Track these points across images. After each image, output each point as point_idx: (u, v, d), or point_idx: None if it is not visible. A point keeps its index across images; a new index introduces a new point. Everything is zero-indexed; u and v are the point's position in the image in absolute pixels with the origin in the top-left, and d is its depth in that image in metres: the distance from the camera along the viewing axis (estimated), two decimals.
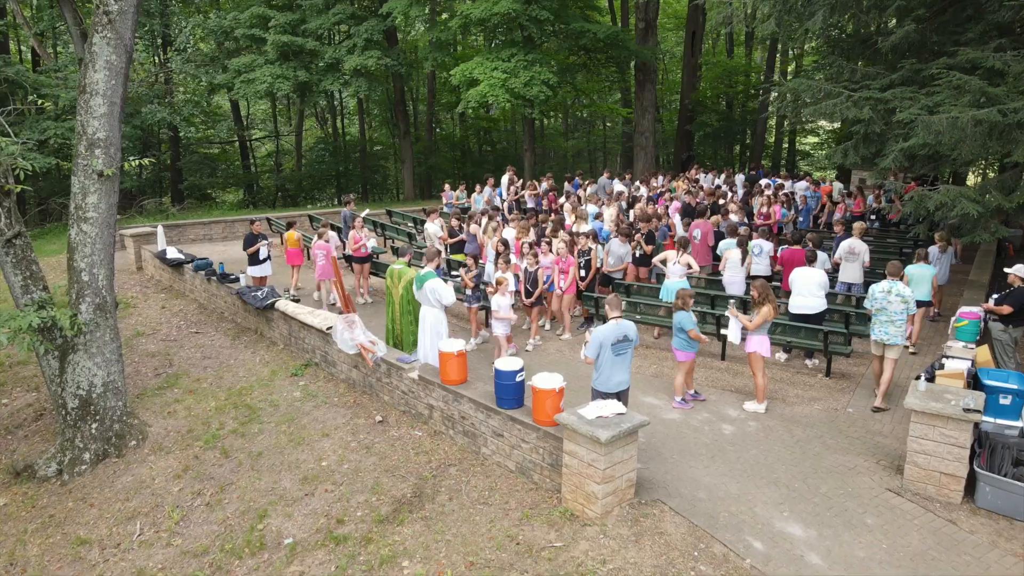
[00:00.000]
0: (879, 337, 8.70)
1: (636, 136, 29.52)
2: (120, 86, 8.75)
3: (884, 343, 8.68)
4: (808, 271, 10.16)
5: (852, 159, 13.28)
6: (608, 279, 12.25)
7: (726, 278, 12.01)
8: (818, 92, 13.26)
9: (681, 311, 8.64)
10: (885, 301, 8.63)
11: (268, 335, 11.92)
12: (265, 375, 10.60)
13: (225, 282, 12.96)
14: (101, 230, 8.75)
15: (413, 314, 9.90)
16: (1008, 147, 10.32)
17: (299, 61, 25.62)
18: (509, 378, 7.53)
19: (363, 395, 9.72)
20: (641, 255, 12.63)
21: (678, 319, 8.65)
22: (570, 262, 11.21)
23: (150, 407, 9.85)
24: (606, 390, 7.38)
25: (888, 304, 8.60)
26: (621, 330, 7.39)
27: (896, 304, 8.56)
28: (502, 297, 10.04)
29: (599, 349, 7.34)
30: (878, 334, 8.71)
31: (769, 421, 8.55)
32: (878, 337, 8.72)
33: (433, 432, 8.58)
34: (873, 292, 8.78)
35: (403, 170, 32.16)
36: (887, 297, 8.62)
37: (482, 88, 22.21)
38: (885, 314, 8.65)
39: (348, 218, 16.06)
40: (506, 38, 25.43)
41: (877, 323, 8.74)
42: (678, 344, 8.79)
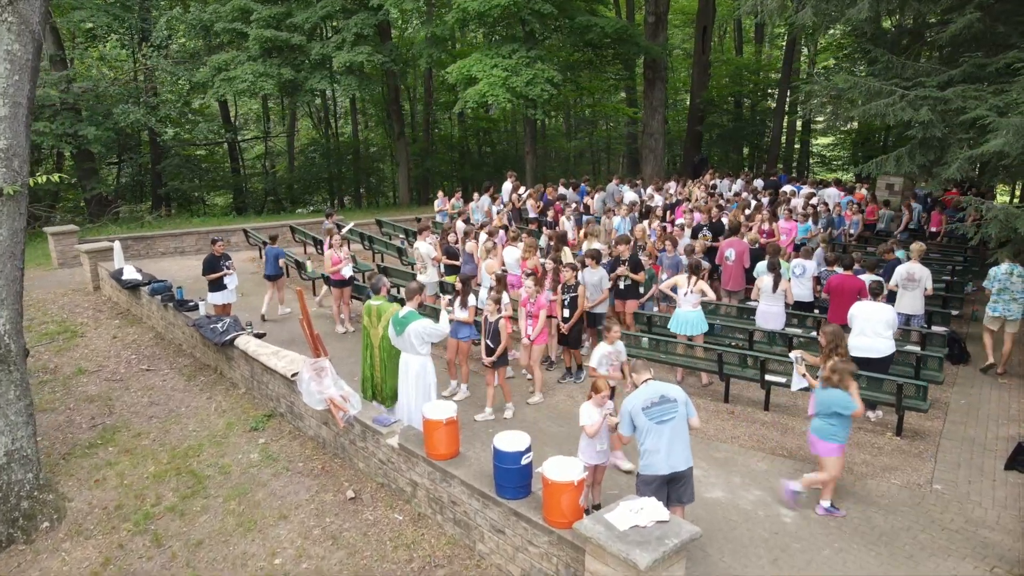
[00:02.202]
0: (1002, 313, 9.62)
1: (644, 137, 27.79)
2: (26, 82, 7.01)
3: (1006, 319, 9.62)
4: (873, 306, 8.42)
5: (907, 167, 11.52)
6: (593, 318, 10.17)
7: (759, 309, 10.27)
8: (867, 90, 11.48)
9: (835, 389, 6.42)
10: (1008, 281, 9.60)
11: (229, 375, 10.18)
12: (219, 429, 8.85)
13: (183, 310, 11.22)
14: (2, 263, 7.01)
15: (393, 361, 8.15)
16: None
17: (284, 58, 23.87)
18: (512, 461, 5.80)
19: (333, 459, 7.98)
20: (628, 286, 10.57)
21: (831, 400, 6.40)
22: (539, 304, 9.10)
23: (75, 472, 8.10)
24: (653, 473, 5.62)
25: (1011, 284, 9.57)
26: (654, 391, 5.68)
27: (1018, 284, 9.53)
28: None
29: (629, 420, 5.63)
30: (1001, 311, 9.62)
31: (840, 503, 6.79)
32: (1000, 313, 9.64)
33: (417, 516, 6.84)
34: (996, 274, 9.70)
35: (398, 173, 30.42)
36: (1009, 279, 9.60)
37: (481, 87, 20.46)
38: (1008, 293, 9.59)
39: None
40: (506, 33, 23.70)
41: (1000, 302, 9.63)
42: (824, 432, 6.49)
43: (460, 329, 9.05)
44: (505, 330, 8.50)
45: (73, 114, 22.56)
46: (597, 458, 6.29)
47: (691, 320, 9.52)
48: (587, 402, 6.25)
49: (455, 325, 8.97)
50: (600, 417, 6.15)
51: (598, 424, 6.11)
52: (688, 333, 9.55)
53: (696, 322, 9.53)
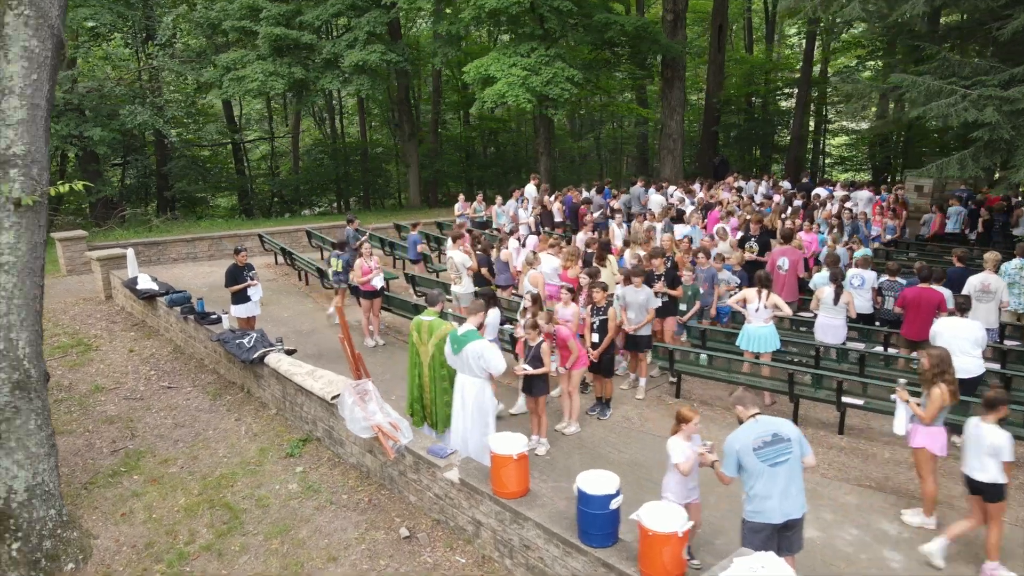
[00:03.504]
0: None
1: (663, 138, 27.17)
2: (45, 82, 6.38)
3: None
4: (961, 323, 7.80)
5: (971, 171, 10.90)
6: (637, 340, 9.23)
7: (819, 322, 9.64)
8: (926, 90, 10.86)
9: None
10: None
11: (257, 394, 9.54)
12: (252, 455, 8.21)
13: (205, 323, 10.57)
14: (21, 279, 6.36)
15: (448, 380, 7.51)
16: None
17: (294, 57, 23.21)
18: (600, 505, 5.17)
19: (380, 491, 7.34)
20: (665, 303, 9.65)
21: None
22: (563, 336, 8.03)
23: (99, 504, 7.45)
24: (764, 521, 4.99)
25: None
26: (765, 428, 5.05)
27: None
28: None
29: (735, 461, 4.99)
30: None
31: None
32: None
33: (481, 559, 6.21)
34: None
35: (408, 175, 29.77)
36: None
37: (499, 87, 19.82)
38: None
39: (351, 239, 13.67)
40: (521, 31, 23.01)
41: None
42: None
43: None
44: (547, 354, 7.77)
45: (77, 115, 21.90)
46: (690, 495, 5.65)
47: (764, 336, 8.87)
48: (675, 436, 5.61)
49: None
50: (692, 452, 5.52)
51: (692, 460, 5.47)
52: (760, 350, 8.91)
53: (769, 338, 8.88)
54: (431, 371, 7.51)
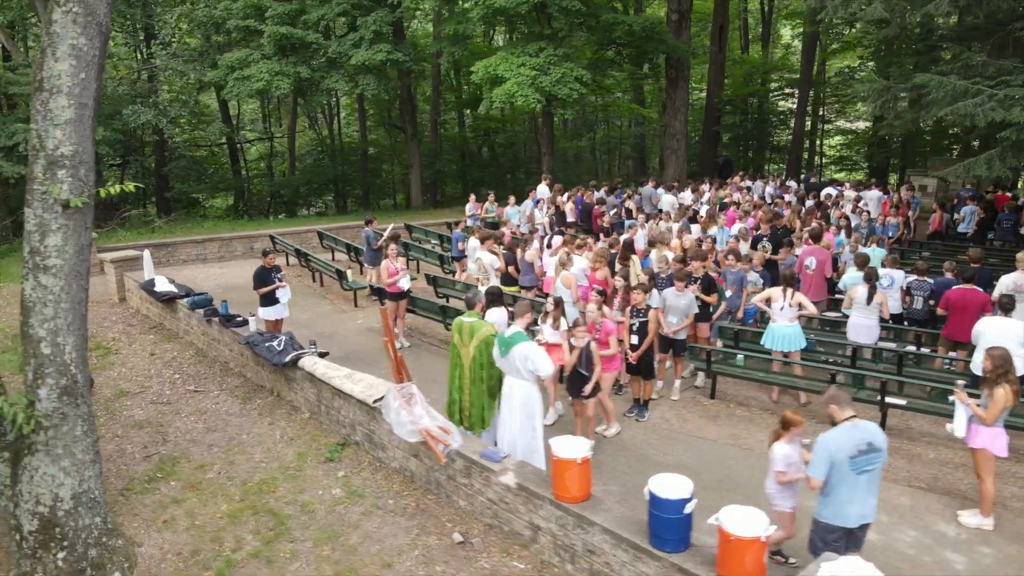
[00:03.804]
0: None
1: (666, 138, 27.20)
2: (92, 80, 6.24)
3: None
4: (1005, 322, 7.81)
5: (999, 170, 10.93)
6: (676, 344, 9.23)
7: (852, 321, 9.61)
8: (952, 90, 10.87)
9: None
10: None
11: (288, 398, 9.41)
12: (290, 459, 8.09)
13: (230, 326, 10.43)
14: (68, 283, 6.23)
15: (487, 383, 7.43)
16: None
17: (299, 56, 23.03)
18: (674, 509, 5.11)
19: (426, 496, 7.25)
20: (700, 308, 9.41)
21: None
22: (607, 330, 8.01)
23: (139, 511, 7.32)
24: (841, 524, 4.97)
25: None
26: (862, 435, 5.00)
27: None
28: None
29: (829, 467, 4.92)
30: None
31: (1008, 547, 6.17)
32: None
33: (540, 564, 6.14)
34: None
35: (411, 175, 29.60)
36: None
37: (509, 87, 19.73)
38: None
39: (371, 240, 13.57)
40: (530, 30, 22.93)
41: None
42: None
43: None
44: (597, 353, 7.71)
45: None
46: (793, 500, 5.55)
47: (789, 335, 8.86)
48: (778, 442, 5.52)
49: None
50: (799, 458, 5.43)
51: (796, 467, 5.38)
52: (785, 349, 8.89)
53: (794, 337, 8.87)
54: (472, 373, 7.43)
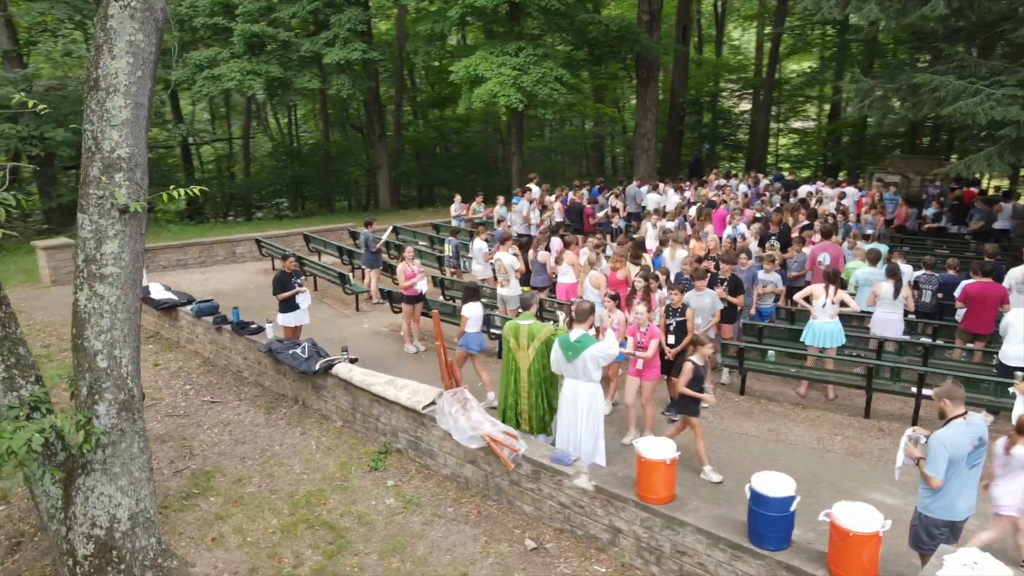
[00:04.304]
0: None
1: (637, 137, 27.50)
2: (148, 79, 5.95)
3: None
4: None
5: (998, 167, 11.37)
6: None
7: (877, 316, 9.85)
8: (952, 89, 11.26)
9: None
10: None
11: (316, 406, 9.15)
12: (333, 470, 7.86)
13: (244, 333, 10.09)
14: (124, 292, 5.92)
15: (544, 387, 7.38)
16: None
17: (270, 55, 22.47)
18: (779, 507, 5.14)
19: (487, 502, 7.13)
20: (724, 309, 9.47)
21: None
22: (652, 333, 7.82)
23: (183, 529, 7.01)
24: (951, 519, 5.07)
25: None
26: (974, 430, 5.08)
27: None
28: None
29: (948, 464, 4.99)
30: None
31: None
32: None
33: (621, 567, 6.10)
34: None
35: (379, 176, 29.20)
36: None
37: (491, 86, 19.66)
38: None
39: (370, 242, 13.32)
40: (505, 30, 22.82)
41: None
42: None
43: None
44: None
45: (35, 115, 20.65)
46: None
47: (831, 332, 9.03)
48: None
49: None
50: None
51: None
52: (827, 345, 9.05)
53: (836, 334, 9.04)
54: (531, 376, 7.35)
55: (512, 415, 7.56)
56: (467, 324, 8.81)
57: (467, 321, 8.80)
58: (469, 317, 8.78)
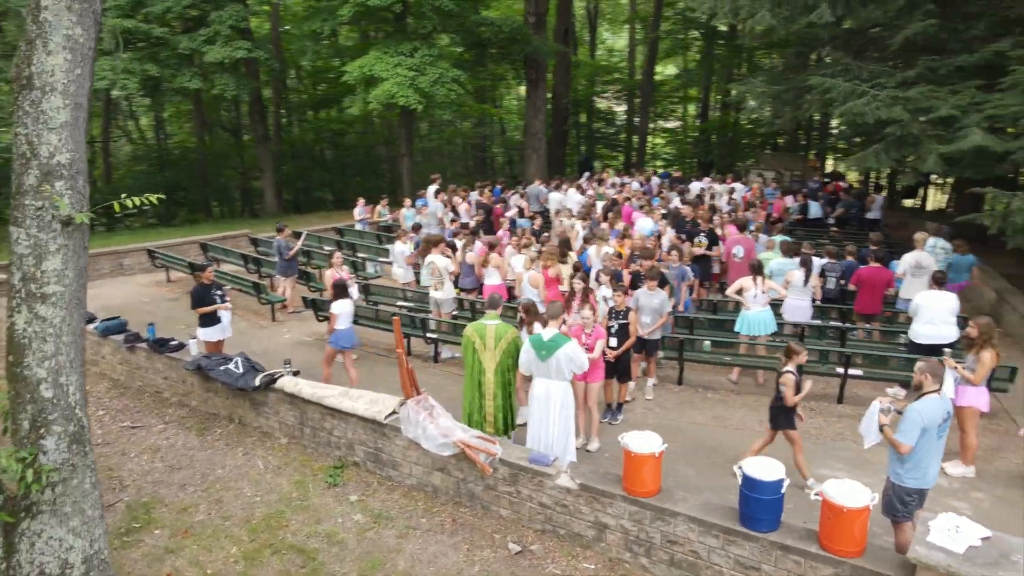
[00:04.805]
0: None
1: (527, 137, 27.87)
2: (87, 77, 5.42)
3: None
4: (939, 295, 8.90)
5: (885, 162, 12.37)
6: (643, 343, 9.17)
7: (788, 303, 10.48)
8: (843, 91, 12.16)
9: None
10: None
11: (256, 424, 8.64)
12: (288, 489, 7.46)
13: (163, 351, 9.37)
14: (69, 313, 5.35)
15: (509, 388, 7.34)
16: None
17: (144, 52, 20.98)
18: (771, 490, 5.37)
19: (460, 509, 7.00)
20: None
21: None
22: (598, 334, 7.75)
23: (131, 568, 6.43)
24: (923, 487, 5.47)
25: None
26: (945, 404, 5.49)
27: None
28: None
29: (920, 433, 5.36)
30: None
31: (995, 489, 7.09)
32: None
33: (609, 562, 6.16)
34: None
35: (263, 180, 27.97)
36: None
37: (388, 87, 19.30)
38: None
39: (283, 250, 12.75)
40: (393, 29, 22.43)
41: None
42: None
43: None
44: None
45: None
46: None
47: (763, 320, 9.52)
48: None
49: None
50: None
51: None
52: (759, 333, 9.53)
53: (768, 322, 9.54)
54: (497, 376, 7.29)
55: (478, 418, 7.46)
56: (337, 321, 9.05)
57: (336, 318, 9.04)
58: (339, 314, 9.02)
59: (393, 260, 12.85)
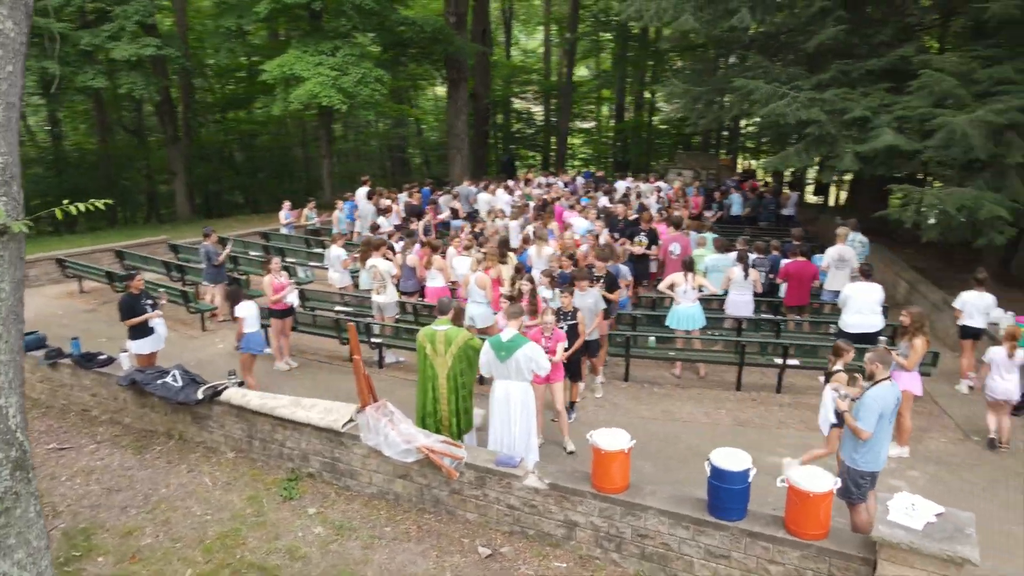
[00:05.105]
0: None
1: (450, 138, 27.78)
2: (19, 75, 5.06)
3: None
4: (867, 286, 9.39)
5: (806, 161, 12.95)
6: (587, 346, 9.04)
7: (730, 298, 10.83)
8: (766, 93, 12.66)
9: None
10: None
11: (198, 439, 8.24)
12: (241, 505, 7.15)
13: (91, 367, 8.83)
14: (7, 328, 4.97)
15: (463, 391, 7.28)
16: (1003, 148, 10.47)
17: (40, 49, 19.67)
18: (738, 480, 5.53)
19: (424, 516, 6.89)
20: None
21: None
22: (558, 337, 7.72)
23: None
24: (875, 469, 5.75)
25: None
26: (895, 391, 5.77)
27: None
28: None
29: (877, 419, 5.61)
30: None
31: (928, 467, 7.54)
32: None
33: (580, 559, 6.21)
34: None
35: (175, 184, 26.76)
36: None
37: (311, 87, 18.82)
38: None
39: (212, 255, 12.24)
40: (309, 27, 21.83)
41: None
42: None
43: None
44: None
45: None
46: None
47: (693, 315, 9.79)
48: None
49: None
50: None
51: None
52: (690, 327, 9.79)
53: (698, 316, 9.81)
54: (450, 381, 7.21)
55: (432, 423, 7.37)
56: (244, 325, 8.86)
57: (244, 322, 8.84)
58: (245, 317, 8.83)
59: (328, 264, 12.53)
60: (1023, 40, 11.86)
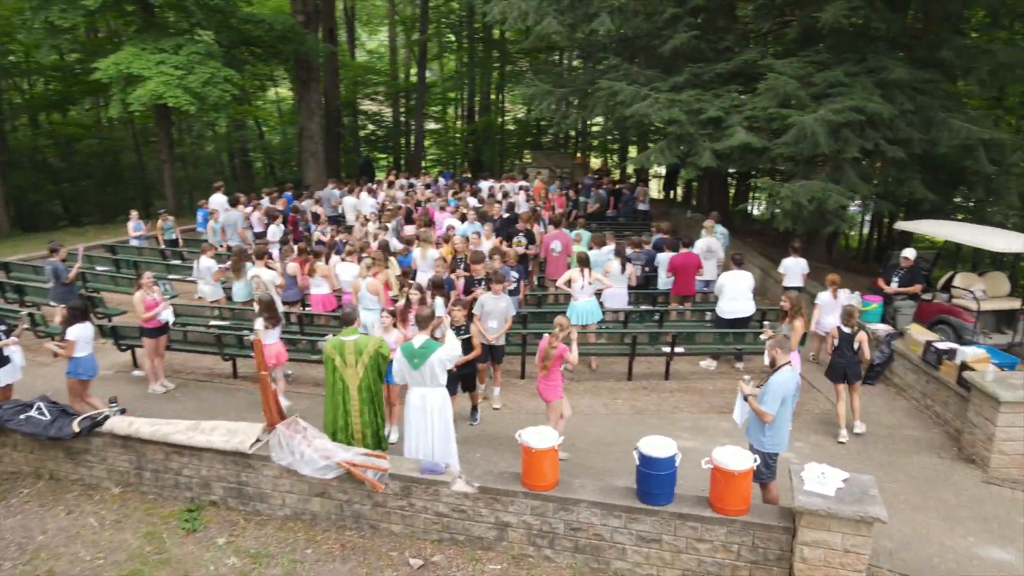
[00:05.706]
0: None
1: (303, 141, 26.77)
2: None
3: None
4: (740, 274, 10.13)
5: (668, 159, 13.69)
6: (490, 350, 9.12)
7: (608, 291, 11.27)
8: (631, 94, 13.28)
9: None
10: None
11: (74, 476, 7.44)
12: (138, 544, 6.55)
13: None
14: None
15: (376, 401, 7.10)
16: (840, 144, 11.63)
17: None
18: (666, 466, 5.81)
19: (345, 533, 6.64)
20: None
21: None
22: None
23: None
24: (780, 450, 6.22)
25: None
26: (796, 376, 6.23)
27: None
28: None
29: (780, 403, 6.05)
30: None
31: (809, 437, 8.25)
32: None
33: (514, 559, 6.25)
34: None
35: None
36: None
37: (154, 86, 17.49)
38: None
39: (61, 273, 11.10)
40: (142, 23, 20.21)
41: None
42: None
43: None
44: None
45: None
46: None
47: (591, 309, 10.10)
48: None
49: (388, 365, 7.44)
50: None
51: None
52: (588, 322, 10.10)
53: (595, 311, 10.14)
54: (361, 392, 7.00)
55: (343, 437, 7.11)
56: (75, 348, 7.93)
57: (75, 345, 7.91)
58: (76, 340, 7.90)
59: (199, 277, 11.72)
60: (849, 47, 13.28)
